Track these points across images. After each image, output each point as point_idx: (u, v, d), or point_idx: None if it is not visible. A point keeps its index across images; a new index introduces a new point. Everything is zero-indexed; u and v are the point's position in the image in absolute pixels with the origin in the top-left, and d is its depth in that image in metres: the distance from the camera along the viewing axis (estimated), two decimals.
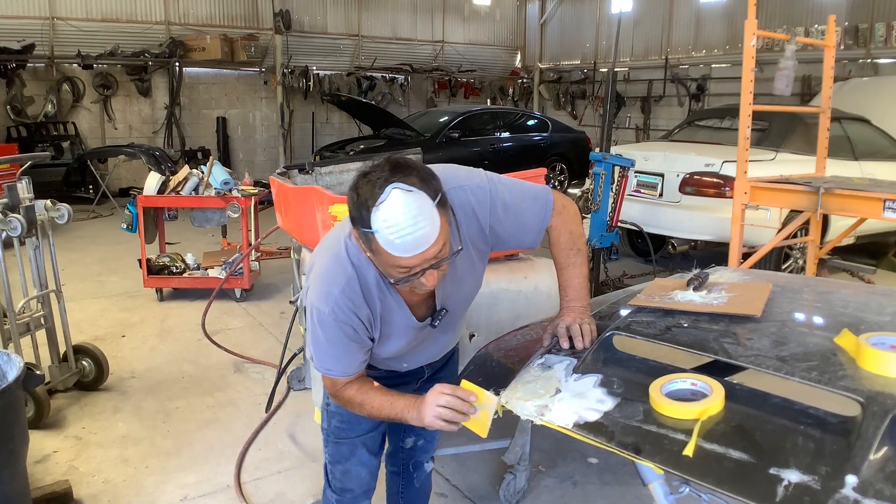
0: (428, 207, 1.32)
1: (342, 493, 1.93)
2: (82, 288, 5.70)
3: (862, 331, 1.57)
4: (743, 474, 1.22)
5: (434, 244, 1.34)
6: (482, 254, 1.68)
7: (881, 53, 10.25)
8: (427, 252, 1.35)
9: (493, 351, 1.93)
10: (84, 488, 2.82)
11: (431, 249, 1.35)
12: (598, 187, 5.04)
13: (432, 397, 1.49)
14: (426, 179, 1.36)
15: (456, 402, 1.47)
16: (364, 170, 1.38)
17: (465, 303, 1.80)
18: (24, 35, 10.20)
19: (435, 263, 1.39)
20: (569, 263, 1.75)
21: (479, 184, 1.61)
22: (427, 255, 1.35)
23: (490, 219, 1.61)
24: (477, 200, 1.59)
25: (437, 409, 1.47)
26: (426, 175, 1.37)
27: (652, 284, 2.10)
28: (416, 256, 1.34)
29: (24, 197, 3.28)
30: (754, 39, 4.03)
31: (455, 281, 1.65)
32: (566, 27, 15.66)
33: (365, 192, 1.34)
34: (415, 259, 1.35)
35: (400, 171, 1.34)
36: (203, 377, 3.98)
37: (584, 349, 1.70)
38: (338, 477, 1.92)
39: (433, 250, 1.35)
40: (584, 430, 1.42)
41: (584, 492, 2.84)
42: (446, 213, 1.38)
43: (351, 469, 1.90)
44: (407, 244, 1.32)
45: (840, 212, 4.02)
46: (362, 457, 1.89)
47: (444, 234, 1.37)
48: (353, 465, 1.90)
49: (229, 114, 12.33)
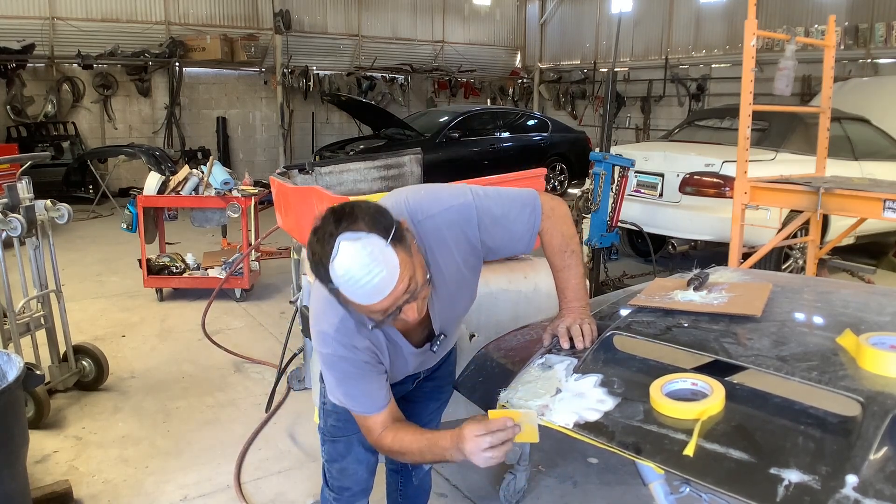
0: (379, 250, 1.30)
1: (340, 491, 1.92)
2: (82, 288, 5.70)
3: (862, 331, 1.57)
4: (743, 474, 1.22)
5: (399, 282, 1.32)
6: (474, 269, 1.68)
7: (881, 53, 10.26)
8: (395, 292, 1.32)
9: (493, 351, 1.93)
10: (84, 488, 2.82)
11: (399, 287, 1.32)
12: (598, 187, 5.04)
13: (473, 445, 1.40)
14: (375, 220, 1.33)
15: (498, 438, 1.41)
16: (314, 224, 1.36)
17: (462, 317, 1.82)
18: (24, 35, 10.20)
19: (409, 298, 1.37)
20: (564, 265, 1.74)
21: (464, 202, 1.58)
22: (396, 294, 1.33)
23: (480, 234, 1.60)
24: (464, 218, 1.58)
25: (485, 454, 1.41)
26: (374, 215, 1.35)
27: (652, 284, 2.10)
28: (385, 299, 1.33)
29: (24, 197, 3.28)
30: (754, 39, 4.03)
31: (448, 301, 1.65)
32: (566, 27, 15.67)
33: (317, 249, 1.33)
34: (385, 302, 1.33)
35: (345, 220, 1.32)
36: (203, 377, 3.98)
37: (585, 349, 1.70)
38: (335, 475, 1.92)
39: (400, 287, 1.33)
40: (584, 430, 1.42)
41: (584, 492, 2.84)
42: (405, 247, 1.35)
43: (348, 467, 1.89)
44: (368, 292, 1.31)
45: (840, 212, 4.02)
46: (359, 454, 1.88)
47: (406, 269, 1.33)
48: (350, 463, 1.89)
49: (229, 114, 12.33)
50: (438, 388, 2.01)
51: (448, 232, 1.56)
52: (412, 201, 1.57)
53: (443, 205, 1.57)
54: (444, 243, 1.56)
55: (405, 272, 1.33)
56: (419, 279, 1.38)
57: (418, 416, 1.96)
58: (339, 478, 1.92)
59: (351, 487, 1.92)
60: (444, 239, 1.56)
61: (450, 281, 1.60)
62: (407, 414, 1.87)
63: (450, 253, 1.57)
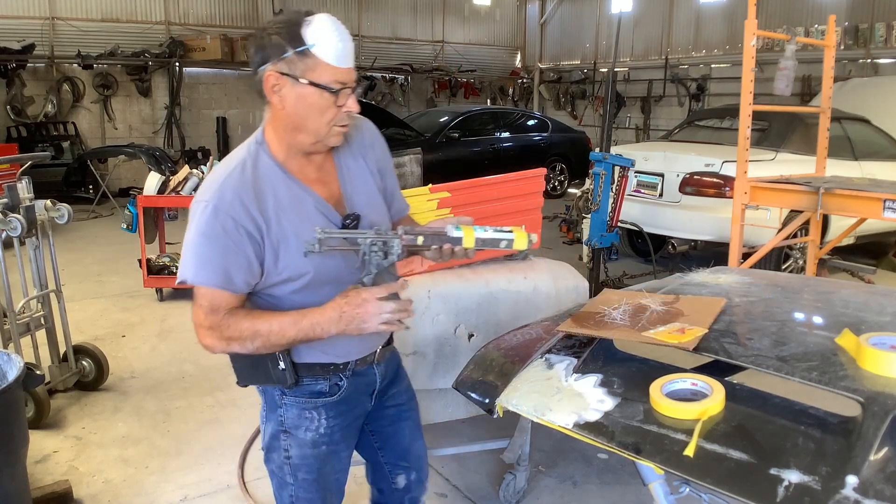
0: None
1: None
2: (82, 288, 5.70)
3: (862, 331, 1.57)
4: (743, 474, 1.22)
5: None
6: (374, 178, 1.63)
7: (881, 53, 10.26)
8: (350, 67, 1.41)
9: (493, 351, 1.93)
10: (84, 488, 2.82)
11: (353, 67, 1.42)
12: (598, 187, 5.03)
13: (376, 307, 1.37)
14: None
15: (402, 305, 1.39)
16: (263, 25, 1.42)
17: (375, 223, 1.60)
18: (24, 35, 10.21)
19: (354, 86, 1.43)
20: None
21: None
22: (352, 70, 1.41)
23: (383, 160, 1.66)
24: (379, 139, 1.67)
25: (386, 317, 1.38)
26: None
27: (596, 299, 2.01)
28: (350, 70, 1.40)
29: (24, 197, 3.28)
30: (754, 39, 4.03)
31: (353, 183, 1.57)
32: (566, 27, 15.67)
33: (283, 20, 1.38)
34: (349, 73, 1.40)
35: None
36: (203, 377, 3.98)
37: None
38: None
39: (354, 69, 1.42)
40: (584, 430, 1.42)
41: (584, 492, 2.84)
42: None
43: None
44: (343, 53, 1.38)
45: (840, 212, 4.02)
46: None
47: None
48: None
49: (229, 114, 12.33)
50: (401, 406, 1.79)
51: (367, 132, 1.64)
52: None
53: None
54: (361, 141, 1.61)
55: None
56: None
57: (399, 441, 1.79)
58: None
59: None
60: (361, 139, 1.61)
61: (351, 165, 1.58)
62: (387, 444, 1.78)
63: (362, 152, 1.61)
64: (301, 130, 1.44)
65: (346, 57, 1.39)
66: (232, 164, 1.46)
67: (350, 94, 1.42)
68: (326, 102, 1.40)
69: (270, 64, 1.38)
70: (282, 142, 1.48)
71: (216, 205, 1.39)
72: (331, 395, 1.59)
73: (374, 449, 1.80)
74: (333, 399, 1.60)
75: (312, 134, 1.44)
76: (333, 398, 1.60)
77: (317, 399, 1.58)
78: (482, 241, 1.45)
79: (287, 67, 1.37)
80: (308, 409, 1.58)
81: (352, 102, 1.43)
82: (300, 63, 1.36)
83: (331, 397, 1.59)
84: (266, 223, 1.42)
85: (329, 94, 1.39)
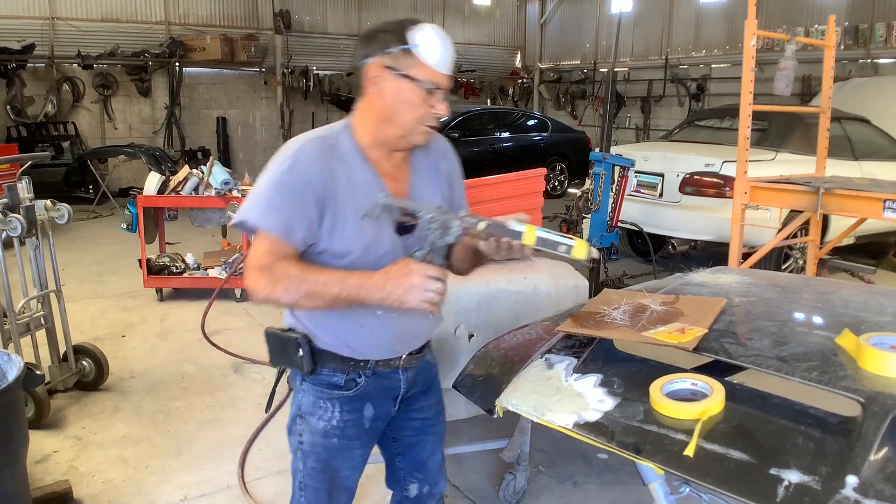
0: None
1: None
2: (82, 288, 5.70)
3: (862, 331, 1.57)
4: (743, 474, 1.22)
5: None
6: (443, 188, 1.68)
7: (881, 53, 10.26)
8: (447, 74, 1.49)
9: (493, 351, 1.93)
10: (84, 488, 2.82)
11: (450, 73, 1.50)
12: (598, 187, 5.04)
13: (421, 281, 1.39)
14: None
15: (443, 288, 1.41)
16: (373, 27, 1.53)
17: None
18: (24, 35, 10.21)
19: (446, 92, 1.50)
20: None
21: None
22: (449, 77, 1.49)
23: (454, 173, 1.71)
24: (452, 153, 1.72)
25: (428, 295, 1.40)
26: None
27: (596, 299, 2.01)
28: (448, 75, 1.49)
29: (24, 197, 3.28)
30: (754, 39, 4.03)
31: (422, 186, 1.61)
32: (566, 27, 15.67)
33: (396, 21, 1.50)
34: (444, 78, 1.48)
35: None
36: (203, 377, 3.98)
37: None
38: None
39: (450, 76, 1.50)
40: (584, 430, 1.42)
41: (584, 492, 2.84)
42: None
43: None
44: (444, 57, 1.47)
45: (840, 212, 4.02)
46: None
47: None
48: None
49: (229, 114, 12.33)
50: (428, 419, 1.80)
51: (441, 145, 1.69)
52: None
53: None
54: (437, 150, 1.68)
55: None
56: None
57: (418, 453, 1.81)
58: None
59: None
60: (438, 148, 1.68)
61: (429, 182, 1.63)
62: (406, 453, 1.80)
63: (435, 160, 1.66)
64: (391, 122, 1.51)
65: (445, 63, 1.48)
66: (316, 134, 1.54)
67: (442, 97, 1.51)
68: (419, 99, 1.48)
69: (375, 57, 1.48)
70: (368, 130, 1.54)
71: (293, 163, 1.47)
72: (346, 389, 1.61)
73: (392, 453, 1.82)
74: (349, 394, 1.61)
75: (401, 127, 1.50)
76: (349, 393, 1.61)
77: (332, 390, 1.61)
78: (542, 240, 1.45)
79: (390, 61, 1.47)
80: (323, 398, 1.61)
81: (442, 106, 1.51)
82: (403, 59, 1.46)
83: (346, 391, 1.61)
84: (332, 194, 1.47)
85: (423, 91, 1.47)
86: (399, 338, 1.62)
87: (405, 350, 1.65)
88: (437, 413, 1.82)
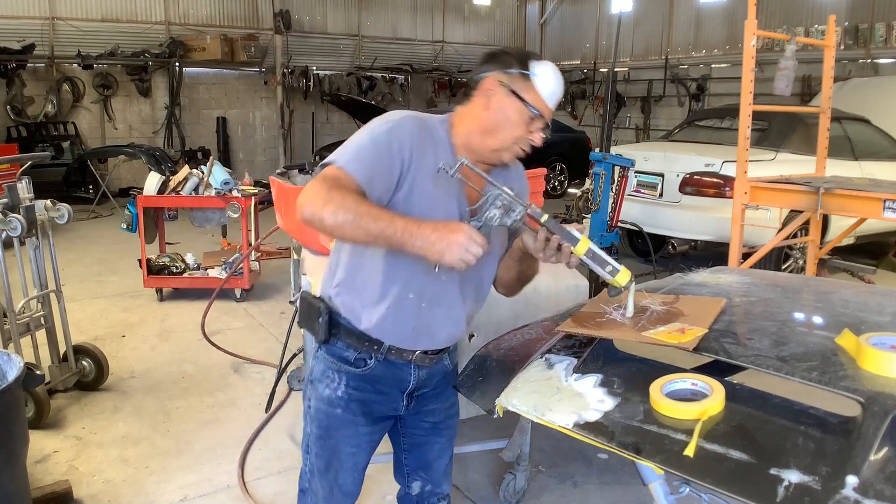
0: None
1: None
2: (82, 288, 5.70)
3: (862, 331, 1.57)
4: (743, 474, 1.22)
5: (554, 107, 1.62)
6: (505, 235, 1.72)
7: (881, 53, 10.25)
8: (552, 110, 1.61)
9: (493, 351, 1.92)
10: (84, 488, 2.82)
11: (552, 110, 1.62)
12: (598, 187, 5.04)
13: (465, 237, 1.40)
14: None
15: (482, 251, 1.42)
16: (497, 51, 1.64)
17: (487, 261, 1.66)
18: (24, 35, 10.20)
19: (544, 126, 1.60)
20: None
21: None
22: (551, 110, 1.61)
23: (523, 197, 1.70)
24: (525, 179, 1.81)
25: (465, 255, 1.41)
26: None
27: (595, 300, 1.99)
28: (550, 110, 1.60)
29: (24, 197, 3.28)
30: (754, 39, 4.03)
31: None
32: (566, 27, 15.67)
33: (521, 50, 1.64)
34: (549, 110, 1.59)
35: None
36: (203, 377, 3.98)
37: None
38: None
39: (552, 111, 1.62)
40: (584, 430, 1.42)
41: (584, 492, 2.84)
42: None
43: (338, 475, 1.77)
44: (554, 91, 1.59)
45: (840, 212, 4.02)
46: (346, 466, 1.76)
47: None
48: (341, 472, 1.76)
49: (229, 114, 12.33)
50: (438, 424, 1.83)
51: (519, 170, 1.80)
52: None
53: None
54: (516, 173, 1.77)
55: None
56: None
57: (425, 453, 1.85)
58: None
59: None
60: (516, 171, 1.77)
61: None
62: (413, 451, 1.85)
63: (508, 182, 1.66)
64: (490, 134, 1.59)
65: (553, 98, 1.59)
66: (417, 114, 1.64)
67: (541, 127, 1.60)
68: (521, 121, 1.57)
69: (494, 72, 1.58)
70: (464, 134, 1.62)
71: (392, 128, 1.55)
72: (355, 366, 1.67)
73: (401, 448, 1.87)
74: (356, 371, 1.68)
75: (498, 141, 1.59)
76: (356, 370, 1.67)
77: (341, 363, 1.68)
78: (593, 254, 1.51)
79: (507, 79, 1.57)
80: (332, 369, 1.69)
81: (538, 135, 1.61)
82: (518, 81, 1.56)
83: (354, 368, 1.67)
84: (417, 167, 1.54)
85: (527, 115, 1.57)
86: (419, 331, 1.65)
87: (421, 346, 1.68)
88: (448, 417, 1.86)
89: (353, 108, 11.10)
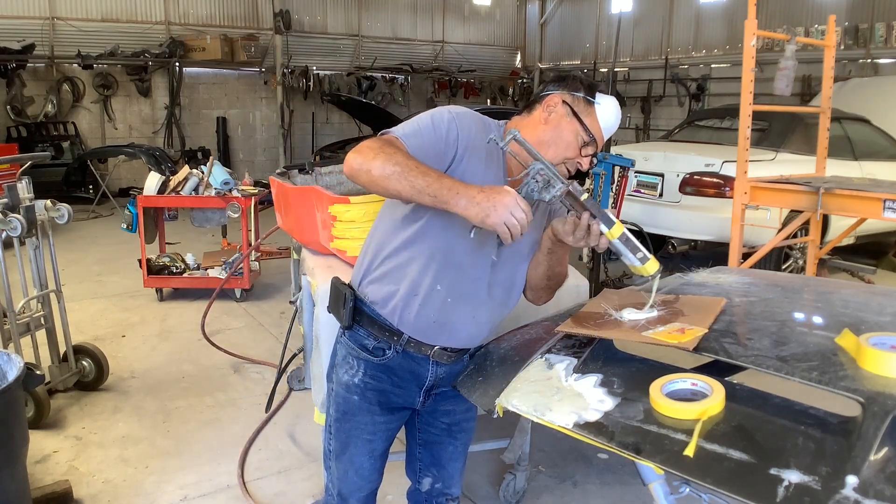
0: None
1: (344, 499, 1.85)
2: (82, 288, 5.70)
3: (862, 331, 1.57)
4: (743, 474, 1.22)
5: (607, 139, 1.72)
6: (544, 214, 1.76)
7: (881, 53, 10.25)
8: (605, 139, 1.69)
9: (493, 350, 1.92)
10: (84, 488, 2.82)
11: (606, 140, 1.72)
12: (598, 187, 5.04)
13: (512, 200, 1.42)
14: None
15: (527, 219, 1.44)
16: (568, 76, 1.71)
17: (517, 262, 1.75)
18: (24, 35, 10.20)
19: (595, 152, 1.69)
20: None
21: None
22: (605, 140, 1.70)
23: (559, 213, 1.76)
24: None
25: (510, 220, 1.42)
26: None
27: (597, 298, 1.99)
28: (604, 137, 1.68)
29: (24, 197, 3.28)
30: (754, 39, 4.03)
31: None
32: (566, 27, 15.66)
33: (590, 79, 1.72)
34: (602, 139, 1.68)
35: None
36: (203, 377, 3.98)
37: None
38: (339, 476, 1.85)
39: (605, 141, 1.71)
40: (584, 430, 1.42)
41: (584, 492, 2.84)
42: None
43: (354, 459, 1.81)
44: (611, 122, 1.69)
45: (840, 212, 4.02)
46: (363, 450, 1.79)
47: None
48: (356, 456, 1.80)
49: (229, 114, 12.33)
50: (453, 426, 1.87)
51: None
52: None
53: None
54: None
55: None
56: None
57: (439, 452, 1.88)
58: (343, 479, 1.82)
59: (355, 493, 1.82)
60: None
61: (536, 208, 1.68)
62: (427, 448, 1.88)
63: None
64: (542, 148, 1.62)
65: (609, 130, 1.69)
66: (478, 113, 1.71)
67: (591, 152, 1.68)
68: (574, 142, 1.65)
69: (561, 91, 1.67)
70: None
71: (453, 117, 1.62)
72: (373, 355, 1.71)
73: (415, 442, 1.90)
74: (374, 360, 1.71)
75: (549, 156, 1.61)
76: (374, 359, 1.71)
77: (361, 351, 1.73)
78: (626, 238, 1.53)
79: (571, 100, 1.66)
80: (352, 355, 1.74)
81: (586, 160, 1.69)
82: (581, 105, 1.66)
83: (373, 357, 1.71)
84: (471, 154, 1.60)
85: (582, 138, 1.65)
86: (440, 325, 1.68)
87: (440, 342, 1.71)
88: (465, 420, 1.89)
89: (353, 108, 11.10)
